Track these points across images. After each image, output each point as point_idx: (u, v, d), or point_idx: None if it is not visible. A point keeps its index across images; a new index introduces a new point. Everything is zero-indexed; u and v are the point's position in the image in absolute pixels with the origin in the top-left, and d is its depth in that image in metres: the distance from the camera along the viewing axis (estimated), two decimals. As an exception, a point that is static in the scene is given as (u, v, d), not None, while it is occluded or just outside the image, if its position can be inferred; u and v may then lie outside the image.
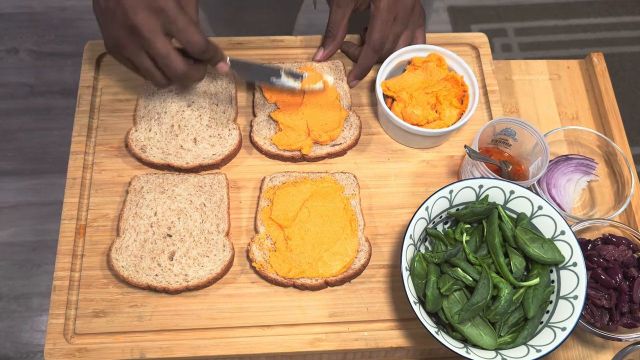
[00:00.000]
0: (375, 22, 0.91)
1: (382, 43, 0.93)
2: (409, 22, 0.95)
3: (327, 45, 0.98)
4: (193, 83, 0.87)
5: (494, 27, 2.37)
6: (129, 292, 0.84)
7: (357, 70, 0.96)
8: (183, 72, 0.79)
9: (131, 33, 0.75)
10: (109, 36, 0.78)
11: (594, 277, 0.83)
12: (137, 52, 0.77)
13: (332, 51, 0.99)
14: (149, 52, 0.77)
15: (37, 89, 2.17)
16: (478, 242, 0.81)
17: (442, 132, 0.89)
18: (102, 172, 0.92)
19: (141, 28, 0.74)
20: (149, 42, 0.75)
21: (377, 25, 0.91)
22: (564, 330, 0.72)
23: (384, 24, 0.91)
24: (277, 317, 0.83)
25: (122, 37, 0.76)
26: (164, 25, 0.75)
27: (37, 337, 1.78)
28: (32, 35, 2.28)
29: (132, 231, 0.85)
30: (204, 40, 0.77)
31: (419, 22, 0.98)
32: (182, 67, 0.78)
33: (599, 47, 2.32)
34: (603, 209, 0.95)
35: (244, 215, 0.90)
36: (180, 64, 0.78)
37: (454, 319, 0.74)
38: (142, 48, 0.76)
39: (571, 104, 1.06)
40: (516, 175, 0.90)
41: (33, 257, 1.88)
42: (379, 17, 0.91)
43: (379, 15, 0.91)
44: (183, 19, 0.75)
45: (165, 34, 0.76)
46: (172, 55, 0.77)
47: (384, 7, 0.90)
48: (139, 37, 0.75)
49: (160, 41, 0.75)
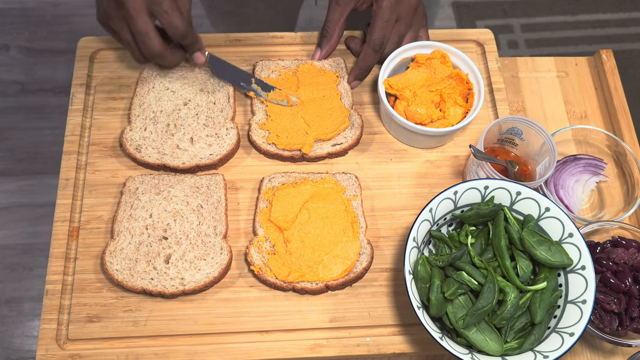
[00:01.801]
0: (377, 22, 0.92)
1: (383, 43, 0.93)
2: (412, 22, 0.96)
3: (322, 45, 0.99)
4: (168, 65, 0.92)
5: (500, 23, 2.37)
6: (123, 296, 0.84)
7: (357, 70, 0.97)
8: (158, 52, 0.84)
9: (118, 7, 0.81)
10: (99, 6, 0.84)
11: (603, 281, 0.83)
12: (121, 25, 0.83)
13: (329, 51, 1.00)
14: (130, 28, 0.83)
15: (29, 87, 2.17)
16: (483, 245, 0.81)
17: (447, 132, 0.90)
18: (96, 172, 0.92)
19: (127, 4, 0.80)
20: (131, 18, 0.81)
21: (378, 25, 0.92)
22: (572, 336, 0.72)
23: (385, 24, 0.92)
24: (276, 322, 0.83)
25: (110, 9, 0.82)
26: (149, 5, 0.81)
27: (28, 342, 1.78)
28: (24, 31, 2.28)
29: (127, 233, 0.85)
30: (184, 26, 0.84)
31: (422, 22, 0.98)
32: (157, 48, 0.84)
33: (608, 43, 2.33)
34: (612, 211, 0.95)
35: (242, 217, 0.90)
36: (156, 44, 0.84)
37: (459, 324, 0.74)
38: (126, 23, 0.83)
39: (579, 102, 1.06)
40: (523, 176, 0.90)
41: (24, 260, 1.89)
42: (380, 17, 0.91)
43: (381, 14, 0.91)
44: (169, 3, 0.81)
45: (149, 13, 0.82)
46: (150, 34, 0.82)
47: (386, 6, 0.90)
48: (124, 12, 0.81)
49: (142, 19, 0.81)
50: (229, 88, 0.97)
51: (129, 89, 0.98)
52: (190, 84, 0.96)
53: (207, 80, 0.97)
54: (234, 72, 0.96)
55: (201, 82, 0.97)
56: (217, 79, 0.97)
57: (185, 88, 0.96)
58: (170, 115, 0.93)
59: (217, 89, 0.96)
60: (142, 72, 0.97)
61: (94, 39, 1.02)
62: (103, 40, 1.02)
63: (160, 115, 0.93)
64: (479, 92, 0.92)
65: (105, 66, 1.00)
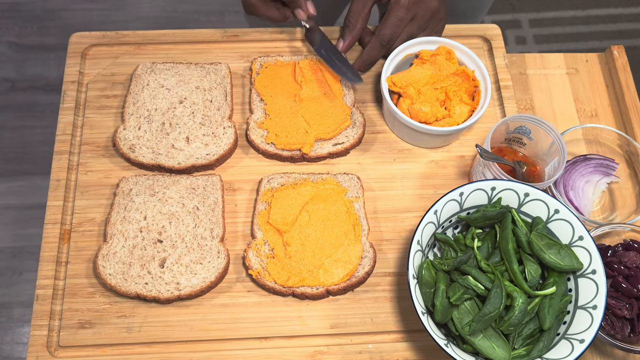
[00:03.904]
0: (390, 17, 0.92)
1: (391, 39, 0.94)
2: (427, 25, 0.96)
3: (345, 36, 0.98)
4: (266, 18, 0.97)
5: (508, 17, 2.37)
6: (116, 301, 0.84)
7: (360, 62, 0.97)
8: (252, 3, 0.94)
9: None
10: None
11: (614, 286, 0.83)
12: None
13: (351, 43, 0.99)
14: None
15: (19, 85, 2.17)
16: (490, 248, 0.81)
17: (452, 131, 0.90)
18: (88, 173, 0.92)
19: None
20: None
21: (390, 20, 0.92)
22: (582, 343, 0.72)
23: (398, 21, 0.92)
24: (275, 328, 0.83)
25: None
26: None
27: (18, 349, 1.78)
28: (13, 26, 2.28)
29: (120, 236, 0.85)
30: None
31: (437, 28, 0.99)
32: None
33: (619, 39, 2.33)
34: (624, 213, 0.95)
35: (240, 220, 0.90)
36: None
37: (465, 331, 0.74)
38: None
39: (590, 100, 1.06)
40: (531, 177, 0.90)
41: (14, 264, 1.89)
42: (395, 13, 0.92)
43: (396, 10, 0.92)
44: None
45: None
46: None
47: (403, 3, 0.91)
48: None
49: None
50: (226, 85, 0.97)
51: (123, 87, 0.98)
52: (186, 81, 0.96)
53: (204, 77, 0.97)
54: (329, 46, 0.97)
55: (197, 79, 0.97)
56: (212, 76, 0.97)
57: (181, 85, 0.96)
58: (165, 113, 0.94)
59: (213, 86, 0.96)
60: (136, 69, 0.97)
61: (86, 34, 1.02)
62: (95, 36, 1.02)
63: (155, 113, 0.94)
64: (485, 89, 0.92)
65: (98, 63, 1.00)
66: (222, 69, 0.98)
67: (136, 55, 1.01)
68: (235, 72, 1.01)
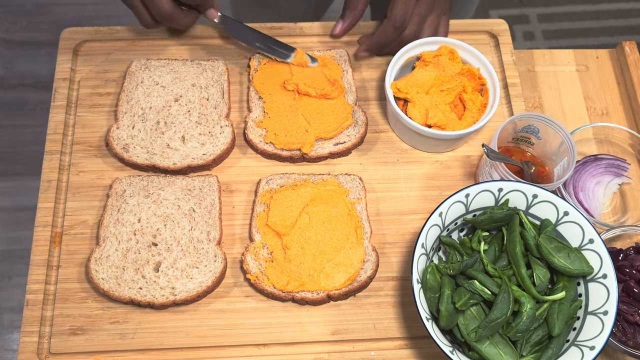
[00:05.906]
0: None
1: (404, 20, 0.92)
2: (434, 5, 0.95)
3: (346, 16, 0.97)
4: (180, 27, 0.94)
5: (515, 12, 2.37)
6: (109, 307, 0.84)
7: (370, 42, 0.96)
8: (168, 12, 0.87)
9: None
10: None
11: (625, 291, 0.83)
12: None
13: (352, 24, 0.98)
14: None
15: (8, 82, 2.17)
16: (497, 252, 0.81)
17: (464, 134, 0.89)
18: (80, 173, 0.92)
19: None
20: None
21: (399, 1, 0.91)
22: (592, 350, 0.72)
23: (407, 0, 0.91)
24: (274, 334, 0.83)
25: None
26: None
27: (7, 357, 1.78)
28: (3, 21, 2.28)
29: (114, 239, 0.85)
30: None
31: (444, 9, 0.98)
32: (167, 8, 0.87)
33: (631, 35, 2.33)
34: (636, 215, 0.95)
35: (238, 222, 0.90)
36: (166, 3, 0.86)
37: (471, 337, 0.74)
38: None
39: (600, 98, 1.06)
40: (540, 178, 0.90)
41: (3, 268, 1.89)
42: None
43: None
44: None
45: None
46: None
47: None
48: None
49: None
50: (223, 82, 0.97)
51: (116, 84, 0.98)
52: (182, 78, 0.97)
53: (200, 74, 0.97)
54: (249, 32, 0.98)
55: (193, 76, 0.97)
56: (209, 73, 0.97)
57: (177, 83, 0.96)
58: (160, 112, 0.94)
59: (210, 83, 0.97)
60: (130, 65, 0.98)
61: (78, 30, 1.02)
62: (88, 31, 1.02)
63: (150, 112, 0.94)
64: (493, 87, 0.92)
65: (90, 59, 1.00)
66: (219, 65, 0.98)
67: (130, 52, 1.01)
68: (233, 69, 1.01)
